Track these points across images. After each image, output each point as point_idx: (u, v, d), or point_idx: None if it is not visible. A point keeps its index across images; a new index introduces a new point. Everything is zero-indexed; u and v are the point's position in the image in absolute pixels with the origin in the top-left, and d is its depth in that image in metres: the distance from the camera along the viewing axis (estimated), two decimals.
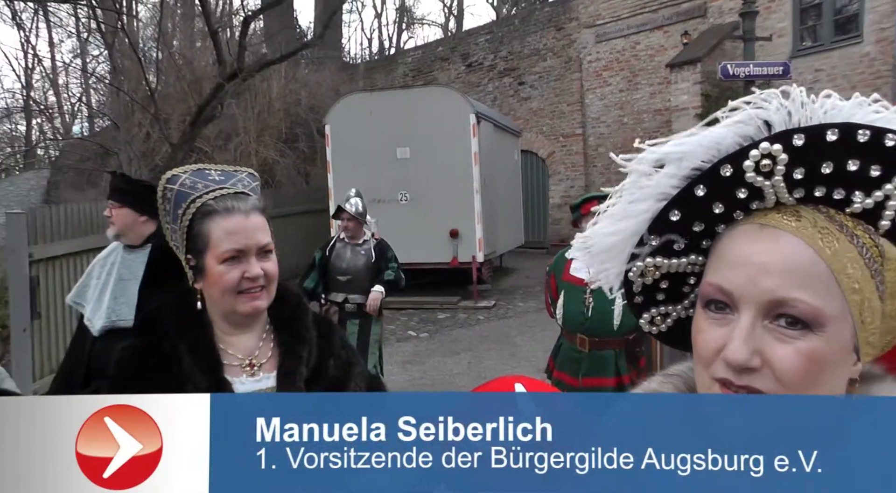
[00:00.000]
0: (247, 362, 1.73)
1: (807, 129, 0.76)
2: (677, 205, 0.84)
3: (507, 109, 19.92)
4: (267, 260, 1.70)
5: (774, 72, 7.33)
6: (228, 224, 1.66)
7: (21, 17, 18.67)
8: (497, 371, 8.25)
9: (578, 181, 19.20)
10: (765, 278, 0.76)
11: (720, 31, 14.58)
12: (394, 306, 11.96)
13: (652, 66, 17.23)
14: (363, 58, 28.84)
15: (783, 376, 0.75)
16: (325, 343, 1.84)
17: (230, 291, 1.66)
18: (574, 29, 19.01)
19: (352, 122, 12.12)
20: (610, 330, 4.38)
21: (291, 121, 15.76)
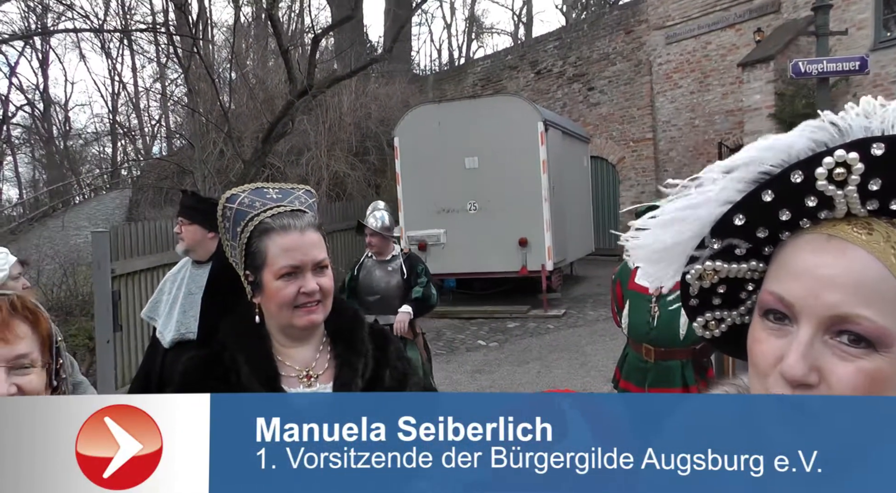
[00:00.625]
0: (304, 373, 1.78)
1: (888, 137, 0.72)
2: (742, 209, 0.81)
3: (576, 115, 19.75)
4: (322, 275, 1.76)
5: (850, 67, 6.99)
6: (285, 241, 1.71)
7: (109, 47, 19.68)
8: (566, 381, 8.16)
9: (649, 186, 18.84)
10: (829, 291, 0.72)
11: (794, 26, 14.08)
12: (465, 316, 12.01)
13: (723, 65, 16.79)
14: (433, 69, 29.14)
15: (841, 394, 0.71)
16: (380, 355, 1.88)
17: (287, 305, 1.72)
18: (643, 31, 18.72)
19: (420, 133, 12.25)
20: (676, 340, 4.28)
21: (362, 134, 16.03)
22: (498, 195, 12.01)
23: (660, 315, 4.31)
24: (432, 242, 12.22)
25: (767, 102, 13.32)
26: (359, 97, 16.81)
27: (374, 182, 15.80)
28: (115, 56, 23.40)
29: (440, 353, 9.70)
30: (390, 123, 15.55)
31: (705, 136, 17.35)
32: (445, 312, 12.00)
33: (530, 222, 11.93)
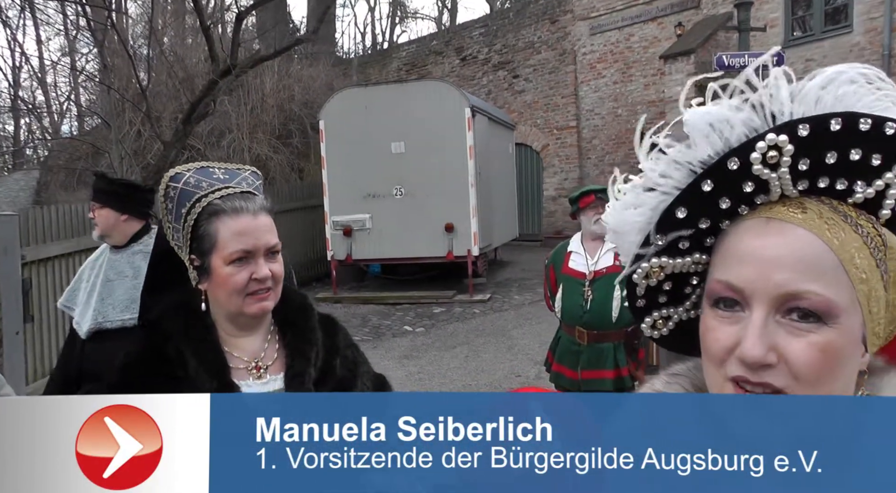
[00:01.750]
0: (253, 364, 1.71)
1: (811, 118, 0.75)
2: (684, 201, 0.82)
3: (501, 102, 19.91)
4: (274, 261, 1.69)
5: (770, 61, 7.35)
6: (237, 225, 1.64)
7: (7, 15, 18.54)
8: (494, 365, 8.26)
9: (573, 173, 19.22)
10: (776, 271, 0.75)
11: (714, 21, 14.58)
12: (390, 301, 11.99)
13: (646, 57, 17.24)
14: (357, 52, 28.78)
15: (799, 370, 0.73)
16: (330, 343, 1.82)
17: (238, 292, 1.64)
18: (568, 21, 19.00)
19: (346, 117, 12.09)
20: (609, 323, 4.38)
21: (285, 117, 15.70)
22: (424, 181, 12.00)
23: (593, 299, 4.41)
24: (358, 228, 12.12)
25: (688, 93, 13.73)
26: (282, 79, 16.44)
27: (297, 166, 15.53)
28: (14, 25, 22.07)
29: (367, 339, 9.66)
30: (314, 105, 15.30)
31: (628, 125, 17.79)
32: (371, 298, 11.95)
33: (457, 208, 11.98)
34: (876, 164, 0.76)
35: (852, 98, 0.77)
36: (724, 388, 0.79)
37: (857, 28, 12.91)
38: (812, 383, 0.73)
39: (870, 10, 12.73)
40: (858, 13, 12.90)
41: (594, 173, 18.64)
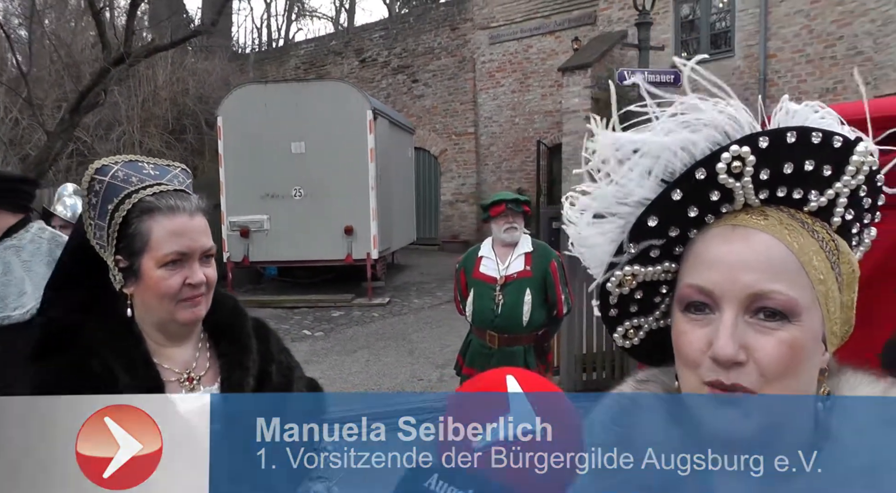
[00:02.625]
0: (185, 376, 1.59)
1: (769, 132, 0.82)
2: (655, 210, 0.86)
3: (400, 106, 19.93)
4: (209, 266, 1.58)
5: (667, 79, 7.78)
6: (172, 225, 1.51)
7: None
8: (396, 369, 8.24)
9: (470, 179, 19.47)
10: (743, 273, 0.79)
11: (609, 38, 15.17)
12: (288, 305, 11.74)
13: (543, 69, 17.71)
14: (253, 48, 28.09)
15: (767, 367, 0.78)
16: (264, 348, 1.72)
17: (170, 298, 1.52)
18: (468, 29, 19.26)
19: (245, 114, 11.75)
20: (519, 326, 4.45)
21: (178, 111, 15.10)
22: (324, 182, 11.83)
23: (504, 303, 4.47)
24: (255, 229, 11.81)
25: (585, 105, 14.24)
26: (176, 71, 15.82)
27: (191, 163, 14.94)
28: None
29: None
30: (210, 100, 14.82)
31: (525, 133, 18.21)
32: (268, 301, 11.66)
33: (356, 210, 11.88)
34: (827, 174, 0.83)
35: (802, 116, 0.86)
36: (699, 391, 0.82)
37: (738, 53, 13.80)
38: (779, 379, 0.78)
39: (748, 37, 13.64)
40: (739, 40, 13.79)
41: (491, 180, 18.95)
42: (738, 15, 13.79)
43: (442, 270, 15.21)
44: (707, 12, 14.35)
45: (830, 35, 12.65)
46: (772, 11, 13.24)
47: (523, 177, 18.19)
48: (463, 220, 19.47)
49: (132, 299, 1.56)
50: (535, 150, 17.59)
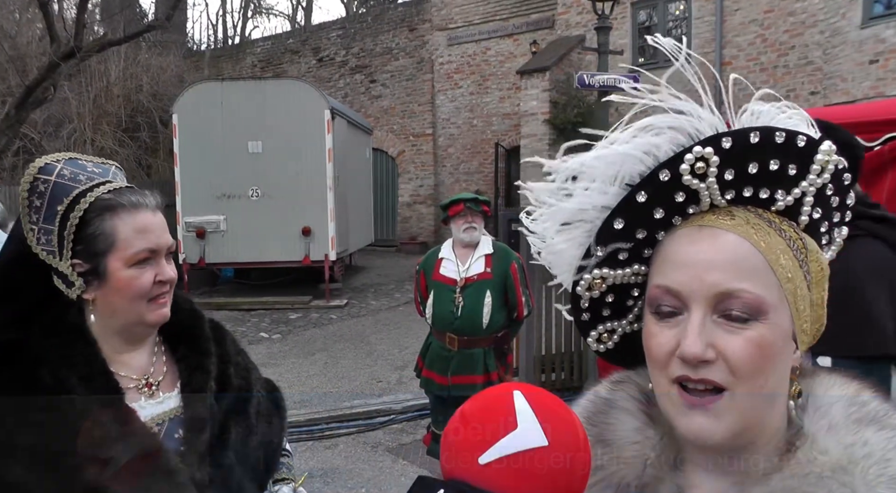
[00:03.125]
0: (143, 382, 1.52)
1: (733, 132, 0.82)
2: (621, 212, 0.86)
3: (358, 106, 19.82)
4: (170, 263, 1.53)
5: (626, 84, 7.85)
6: (137, 222, 1.45)
7: None
8: (355, 371, 8.17)
9: (428, 180, 19.45)
10: (709, 273, 0.79)
11: (567, 42, 15.30)
12: (244, 307, 11.56)
13: (502, 71, 17.78)
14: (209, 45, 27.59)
15: (736, 365, 0.78)
16: (221, 351, 1.66)
17: (141, 297, 1.45)
18: (427, 30, 19.24)
19: (201, 112, 11.52)
20: (479, 328, 4.45)
21: (132, 108, 14.72)
22: (282, 182, 11.68)
23: (464, 305, 4.46)
24: (211, 229, 11.59)
25: (543, 108, 14.34)
26: (129, 67, 15.42)
27: (145, 162, 14.64)
28: None
29: None
30: (165, 98, 14.51)
31: (483, 135, 18.26)
32: (224, 303, 11.46)
33: (314, 211, 11.75)
34: (792, 173, 0.83)
35: (767, 116, 0.85)
36: (669, 392, 0.82)
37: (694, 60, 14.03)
38: (749, 376, 0.78)
39: (704, 44, 13.89)
40: (695, 47, 14.03)
41: (449, 181, 18.96)
42: (694, 23, 14.04)
43: (400, 271, 15.17)
44: (664, 19, 14.58)
45: (783, 44, 12.97)
46: (727, 20, 13.51)
47: (481, 179, 18.23)
48: (421, 221, 19.44)
49: (94, 304, 1.47)
50: (493, 152, 17.65)
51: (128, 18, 16.76)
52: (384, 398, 7.04)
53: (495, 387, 0.83)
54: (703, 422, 0.79)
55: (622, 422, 0.92)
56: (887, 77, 10.85)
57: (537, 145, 14.57)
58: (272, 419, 1.74)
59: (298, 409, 6.69)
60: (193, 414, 1.52)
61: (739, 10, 13.36)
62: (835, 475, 0.77)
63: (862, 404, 0.83)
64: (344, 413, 6.63)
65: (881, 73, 10.92)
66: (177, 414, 1.53)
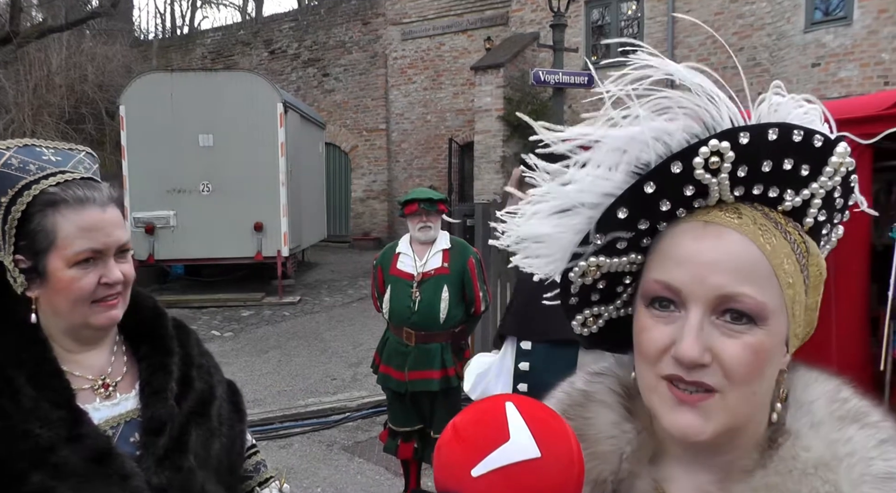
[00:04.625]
0: (99, 382, 1.46)
1: (751, 127, 0.78)
2: (625, 202, 0.82)
3: (310, 100, 19.61)
4: (125, 261, 1.46)
5: (580, 81, 7.92)
6: (82, 219, 1.37)
7: None
8: (309, 369, 8.09)
9: (381, 176, 19.37)
10: (712, 274, 0.77)
11: (521, 39, 15.39)
12: (195, 305, 11.34)
13: (455, 67, 17.80)
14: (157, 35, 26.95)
15: (731, 370, 0.76)
16: (185, 352, 1.61)
17: (83, 300, 1.39)
18: (380, 24, 19.12)
19: (150, 104, 11.23)
20: (436, 324, 4.43)
21: (76, 99, 14.27)
22: (233, 177, 11.47)
23: (421, 300, 4.44)
24: (161, 225, 11.33)
25: (497, 105, 14.40)
26: (72, 55, 14.93)
27: None
28: None
29: None
30: (111, 89, 14.12)
31: (437, 131, 18.25)
32: (175, 301, 11.21)
33: (267, 206, 11.58)
34: (805, 174, 0.81)
35: (784, 109, 0.82)
36: (657, 387, 0.80)
37: None
38: (743, 382, 0.77)
39: (656, 44, 14.11)
40: None
41: (403, 177, 18.91)
42: (646, 22, 14.26)
43: (353, 267, 15.08)
44: (616, 19, 14.77)
45: (732, 46, 13.26)
46: (678, 20, 13.75)
47: (435, 174, 18.22)
48: (374, 217, 19.34)
49: (37, 303, 1.41)
50: (446, 147, 17.66)
51: (70, 4, 16.20)
52: (339, 396, 6.99)
53: (488, 399, 0.81)
54: (692, 420, 0.78)
55: (600, 415, 0.91)
56: (828, 80, 11.19)
57: (491, 141, 14.62)
58: (234, 423, 1.70)
59: (252, 408, 6.60)
60: (153, 416, 1.46)
61: (691, 12, 13.61)
62: (818, 472, 0.76)
63: (843, 401, 0.83)
64: (298, 412, 6.56)
65: (822, 76, 11.25)
66: (133, 417, 1.47)
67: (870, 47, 10.84)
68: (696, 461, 0.85)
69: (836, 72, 11.06)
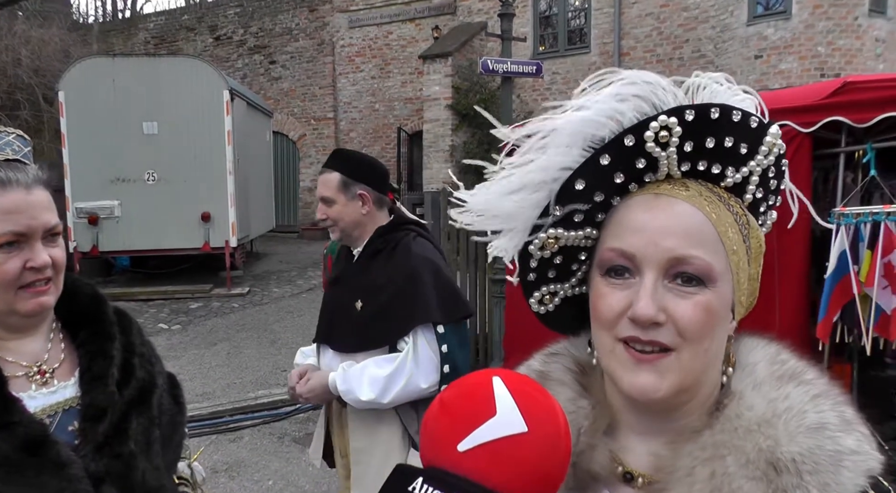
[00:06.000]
0: (35, 369, 1.43)
1: (695, 106, 0.85)
2: (582, 174, 0.87)
3: (257, 87, 19.30)
4: (54, 245, 1.43)
5: (529, 70, 7.98)
6: (5, 201, 1.35)
7: None
8: (258, 361, 8.01)
9: None
10: (664, 238, 0.83)
11: (469, 29, 15.41)
12: (142, 297, 11.09)
13: (404, 56, 17.71)
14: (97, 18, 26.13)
15: (684, 328, 0.81)
16: (126, 340, 1.58)
17: (8, 286, 1.36)
18: (327, 12, 18.90)
19: (91, 89, 10.88)
20: None
21: (10, 84, 13.75)
22: (179, 166, 11.21)
23: None
24: (105, 216, 11.02)
25: (445, 93, 14.41)
26: (4, 38, 14.38)
27: None
28: None
29: None
30: (48, 74, 13.65)
31: (385, 120, 18.15)
32: (120, 294, 10.95)
33: (214, 196, 11.36)
34: (743, 152, 0.88)
35: (723, 96, 0.90)
36: (614, 350, 0.85)
37: (593, 50, 14.47)
38: (696, 340, 0.82)
39: (603, 35, 14.32)
40: (594, 37, 14.46)
41: None
42: (593, 13, 14.43)
43: (302, 257, 14.94)
44: (564, 9, 14.89)
45: (678, 38, 13.52)
46: (625, 12, 13.96)
47: (383, 163, 18.08)
48: None
49: None
50: (395, 136, 17.59)
51: None
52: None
53: (474, 373, 0.81)
54: (649, 378, 0.82)
55: (557, 394, 0.93)
56: (770, 71, 11.50)
57: (440, 130, 14.62)
58: (174, 415, 1.66)
59: (201, 402, 6.51)
60: (92, 402, 1.43)
61: (637, 4, 13.82)
62: (760, 429, 0.82)
63: (782, 362, 0.89)
64: (248, 404, 6.50)
65: (764, 68, 11.55)
66: (73, 405, 1.44)
67: (807, 41, 11.18)
68: (650, 428, 0.89)
69: (777, 64, 11.38)
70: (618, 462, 0.90)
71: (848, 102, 3.94)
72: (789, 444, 0.80)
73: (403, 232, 2.80)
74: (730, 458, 0.81)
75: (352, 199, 2.73)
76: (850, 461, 0.79)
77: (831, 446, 0.79)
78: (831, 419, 0.82)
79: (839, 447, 0.79)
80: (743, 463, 0.80)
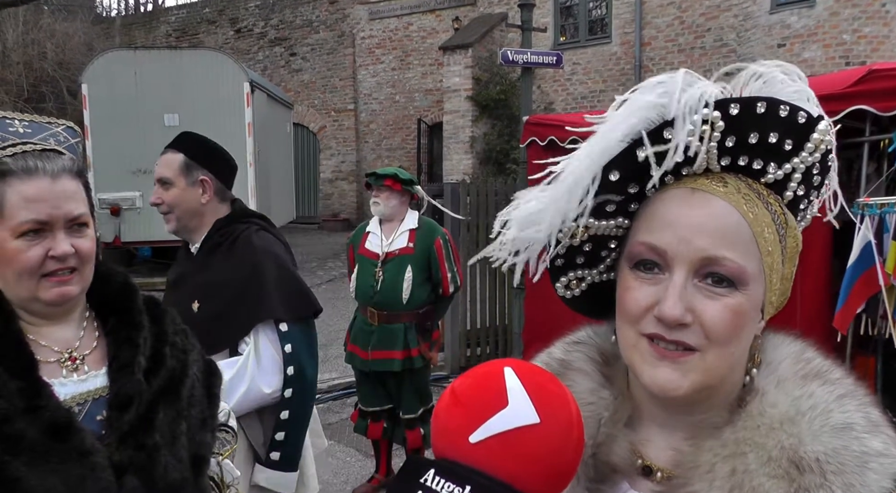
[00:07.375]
0: (66, 356, 1.44)
1: (741, 99, 0.82)
2: (617, 165, 0.85)
3: (277, 79, 19.35)
4: (80, 235, 1.43)
5: (549, 61, 7.91)
6: (28, 189, 1.36)
7: None
8: None
9: (350, 157, 19.23)
10: (697, 237, 0.80)
11: (490, 20, 15.34)
12: (162, 287, 10.96)
13: (424, 47, 17.68)
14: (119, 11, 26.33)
15: (711, 330, 0.80)
16: (158, 329, 1.59)
17: (29, 273, 1.37)
18: (348, 4, 18.90)
19: (114, 82, 11.00)
20: (399, 304, 4.40)
21: (35, 77, 13.92)
22: None
23: (383, 280, 4.42)
24: (127, 206, 11.15)
25: (466, 85, 14.36)
26: (29, 32, 14.55)
27: None
28: None
29: None
30: (72, 67, 13.79)
31: (405, 111, 18.14)
32: (142, 284, 10.92)
33: (235, 187, 11.30)
34: (788, 148, 0.84)
35: (775, 87, 0.85)
36: (637, 345, 0.84)
37: (614, 40, 14.34)
38: (722, 342, 0.80)
39: (624, 25, 14.19)
40: (616, 27, 14.33)
41: (371, 157, 18.80)
42: (614, 3, 14.29)
43: (322, 249, 14.99)
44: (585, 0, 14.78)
45: (700, 27, 13.36)
46: (646, 2, 13.81)
47: (404, 155, 18.15)
48: (343, 198, 19.22)
49: None
50: (415, 128, 17.58)
51: None
52: None
53: (486, 364, 0.80)
54: (670, 375, 0.81)
55: (578, 384, 0.93)
56: (793, 61, 11.16)
57: (460, 122, 14.59)
58: (203, 408, 1.63)
59: None
60: (119, 391, 1.44)
61: None
62: (783, 427, 0.80)
63: (807, 361, 0.87)
64: None
65: (788, 56, 11.38)
66: (102, 394, 1.45)
67: (832, 28, 10.99)
68: (671, 421, 0.88)
69: (800, 52, 11.21)
70: (637, 455, 0.89)
71: (873, 90, 3.86)
72: (813, 443, 0.78)
73: (244, 225, 2.61)
74: (751, 455, 0.80)
75: (192, 184, 2.54)
76: (876, 462, 0.77)
77: (857, 447, 0.78)
78: (857, 419, 0.80)
79: (865, 448, 0.78)
80: (764, 461, 0.79)
